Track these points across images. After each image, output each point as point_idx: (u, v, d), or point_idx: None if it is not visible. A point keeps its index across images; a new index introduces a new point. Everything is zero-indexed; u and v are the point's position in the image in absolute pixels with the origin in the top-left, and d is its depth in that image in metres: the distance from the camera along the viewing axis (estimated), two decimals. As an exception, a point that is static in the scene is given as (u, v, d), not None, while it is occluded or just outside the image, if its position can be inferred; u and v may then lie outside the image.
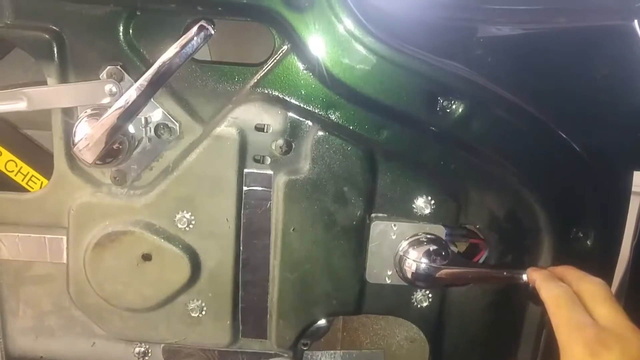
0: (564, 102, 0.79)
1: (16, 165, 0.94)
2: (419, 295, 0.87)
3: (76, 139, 0.75)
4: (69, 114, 0.81)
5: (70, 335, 0.95)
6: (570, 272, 0.66)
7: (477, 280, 0.82)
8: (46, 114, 0.82)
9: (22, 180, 0.95)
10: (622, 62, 0.78)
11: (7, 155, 0.94)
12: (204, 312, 0.87)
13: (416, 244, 0.82)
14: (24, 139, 0.98)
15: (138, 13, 0.77)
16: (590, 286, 0.62)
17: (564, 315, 0.60)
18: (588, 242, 0.83)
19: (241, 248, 0.85)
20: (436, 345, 0.91)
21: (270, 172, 0.82)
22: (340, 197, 0.81)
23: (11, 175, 0.95)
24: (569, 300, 0.61)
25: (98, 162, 0.76)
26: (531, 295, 0.69)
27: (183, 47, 0.72)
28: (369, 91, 0.75)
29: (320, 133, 0.79)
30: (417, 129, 0.78)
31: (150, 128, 0.81)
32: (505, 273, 0.77)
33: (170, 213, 0.83)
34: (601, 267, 0.84)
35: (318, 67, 0.74)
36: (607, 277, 0.85)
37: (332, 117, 0.78)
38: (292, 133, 0.80)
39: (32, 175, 0.95)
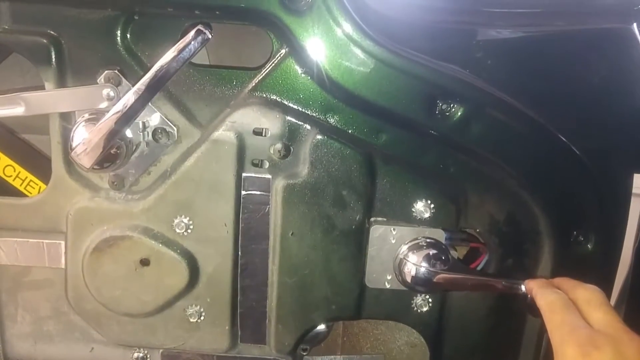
0: (563, 105, 0.79)
1: (14, 170, 0.94)
2: (418, 300, 0.86)
3: (74, 144, 0.75)
4: (66, 118, 0.81)
5: (69, 341, 0.94)
6: (566, 282, 0.67)
7: (475, 289, 0.82)
8: (44, 119, 0.82)
9: (20, 185, 0.95)
10: (621, 64, 0.78)
11: (5, 160, 0.94)
12: (202, 317, 0.87)
13: (416, 248, 0.81)
14: (22, 143, 0.98)
15: (136, 17, 0.77)
16: (585, 293, 0.63)
17: (558, 319, 0.60)
18: (589, 246, 0.83)
19: (239, 253, 0.85)
20: (436, 350, 0.90)
21: (268, 176, 0.81)
22: (339, 201, 0.81)
23: (9, 180, 0.94)
24: (563, 305, 0.62)
25: (96, 166, 0.76)
26: (529, 306, 0.69)
27: (181, 51, 0.72)
28: (368, 94, 0.75)
29: (319, 137, 0.79)
30: (416, 133, 0.78)
31: (148, 132, 0.81)
32: (504, 283, 0.77)
33: (168, 218, 0.82)
34: (602, 270, 0.84)
35: (316, 71, 0.74)
36: (608, 280, 0.84)
37: (331, 120, 0.77)
38: (291, 137, 0.80)
39: (30, 180, 0.95)
